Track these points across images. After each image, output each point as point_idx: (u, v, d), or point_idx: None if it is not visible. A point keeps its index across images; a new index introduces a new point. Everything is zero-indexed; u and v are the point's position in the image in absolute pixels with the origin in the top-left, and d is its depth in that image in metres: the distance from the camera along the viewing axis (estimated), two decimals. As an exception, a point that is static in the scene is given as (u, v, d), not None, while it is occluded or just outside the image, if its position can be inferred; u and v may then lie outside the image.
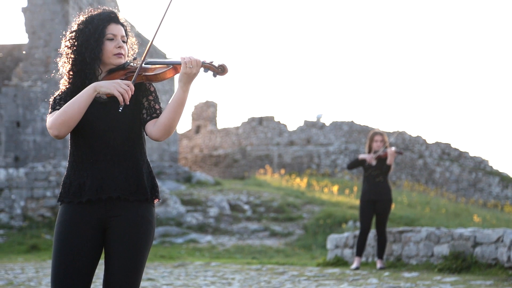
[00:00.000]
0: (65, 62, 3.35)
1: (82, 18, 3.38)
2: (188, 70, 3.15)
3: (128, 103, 3.15)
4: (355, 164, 10.46)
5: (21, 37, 75.27)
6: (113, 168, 3.23)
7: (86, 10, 3.43)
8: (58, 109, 3.25)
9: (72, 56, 3.32)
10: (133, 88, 3.17)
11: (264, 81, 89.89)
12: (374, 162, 10.18)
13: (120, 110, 3.18)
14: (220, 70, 3.21)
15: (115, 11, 3.42)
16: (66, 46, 3.36)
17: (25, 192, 17.45)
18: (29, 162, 23.26)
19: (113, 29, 3.35)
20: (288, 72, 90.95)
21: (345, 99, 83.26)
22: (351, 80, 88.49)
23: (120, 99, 3.13)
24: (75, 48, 3.32)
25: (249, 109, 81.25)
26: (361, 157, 10.27)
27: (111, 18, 3.37)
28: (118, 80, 3.16)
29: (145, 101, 3.30)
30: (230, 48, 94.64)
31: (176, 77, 3.27)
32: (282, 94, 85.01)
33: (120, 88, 3.14)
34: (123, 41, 3.38)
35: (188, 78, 3.17)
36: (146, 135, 3.31)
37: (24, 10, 24.50)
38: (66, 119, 3.16)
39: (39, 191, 17.52)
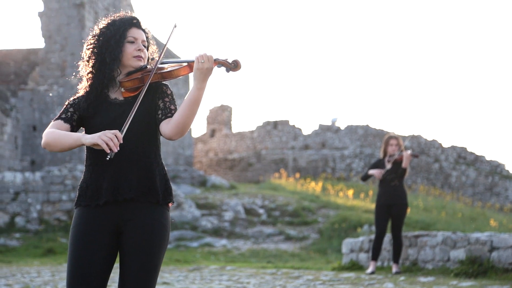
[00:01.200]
0: (85, 65, 3.38)
1: (104, 22, 3.41)
2: (200, 65, 3.14)
3: (115, 150, 3.07)
4: (366, 177, 10.50)
5: (37, 42, 75.79)
6: (127, 170, 3.24)
7: (108, 15, 3.46)
8: (64, 118, 3.30)
9: (93, 57, 3.34)
10: (121, 136, 3.10)
11: (279, 85, 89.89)
12: (389, 166, 10.14)
13: (107, 158, 3.12)
14: (233, 66, 3.21)
15: (138, 17, 3.44)
16: (87, 49, 3.39)
17: (41, 196, 17.53)
18: (45, 166, 23.38)
19: (134, 32, 3.38)
20: (303, 76, 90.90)
21: (360, 103, 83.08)
22: (366, 84, 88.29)
23: (104, 146, 3.05)
24: (96, 49, 3.34)
25: (264, 113, 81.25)
26: (370, 173, 10.30)
27: (133, 23, 3.40)
28: (106, 131, 3.10)
29: (160, 103, 3.31)
30: (245, 52, 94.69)
31: (192, 78, 3.27)
32: (297, 98, 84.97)
33: (104, 137, 3.06)
34: (144, 46, 3.41)
35: (201, 75, 3.15)
36: (161, 134, 3.31)
37: (41, 14, 24.65)
38: (52, 144, 3.22)
39: (55, 195, 17.59)
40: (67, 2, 24.45)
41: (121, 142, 3.09)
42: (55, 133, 3.23)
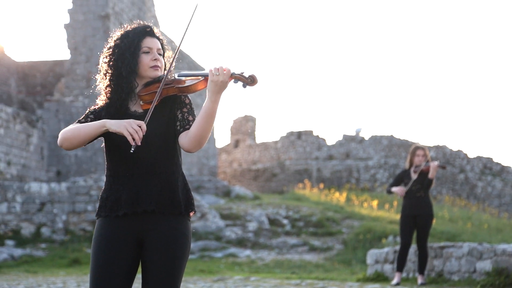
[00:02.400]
0: (102, 78, 3.36)
1: (118, 33, 3.39)
2: (215, 78, 3.10)
3: (139, 143, 3.06)
4: (390, 192, 10.44)
5: (63, 53, 76.50)
6: (148, 181, 3.23)
7: (122, 26, 3.45)
8: (83, 122, 3.28)
9: (109, 71, 3.32)
10: (145, 128, 3.08)
11: (303, 95, 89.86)
12: (415, 176, 10.08)
13: (131, 151, 3.11)
14: (249, 81, 3.13)
15: (151, 25, 3.42)
16: (103, 62, 3.37)
17: (66, 206, 17.65)
18: (70, 176, 23.56)
19: (148, 42, 3.35)
20: (327, 86, 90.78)
21: (384, 113, 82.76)
22: (390, 94, 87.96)
23: (130, 138, 3.04)
24: (111, 63, 3.32)
25: (288, 123, 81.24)
26: (393, 190, 10.22)
27: (147, 32, 3.37)
28: (131, 120, 3.09)
29: (179, 113, 3.28)
30: (269, 62, 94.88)
31: None
32: (321, 108, 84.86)
33: (131, 128, 3.06)
34: (160, 54, 3.38)
35: (216, 87, 3.11)
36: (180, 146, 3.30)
37: (66, 26, 24.90)
38: (71, 138, 3.20)
39: (80, 205, 17.70)
40: (93, 14, 24.69)
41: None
42: (73, 127, 3.22)
